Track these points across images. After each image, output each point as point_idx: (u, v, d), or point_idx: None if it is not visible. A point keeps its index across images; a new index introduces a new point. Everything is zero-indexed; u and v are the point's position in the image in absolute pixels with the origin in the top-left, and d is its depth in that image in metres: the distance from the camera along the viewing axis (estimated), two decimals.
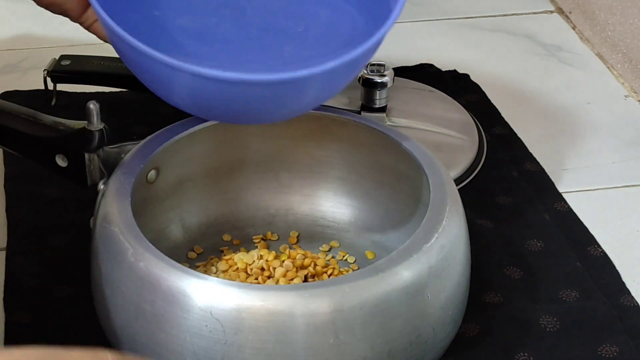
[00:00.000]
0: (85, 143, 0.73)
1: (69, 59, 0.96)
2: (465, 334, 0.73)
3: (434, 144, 0.89)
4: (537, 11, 1.18)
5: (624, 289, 0.78)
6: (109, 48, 0.72)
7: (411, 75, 1.01)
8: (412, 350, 0.65)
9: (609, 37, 1.08)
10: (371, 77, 0.89)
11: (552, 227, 0.84)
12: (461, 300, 0.70)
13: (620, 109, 1.01)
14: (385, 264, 0.64)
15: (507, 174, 0.90)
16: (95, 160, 0.74)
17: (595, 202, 0.88)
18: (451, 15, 1.16)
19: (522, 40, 1.12)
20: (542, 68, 1.07)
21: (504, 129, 0.96)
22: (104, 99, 0.78)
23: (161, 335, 0.63)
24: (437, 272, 0.66)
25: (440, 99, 0.97)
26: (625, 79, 1.05)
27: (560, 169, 0.92)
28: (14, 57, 0.88)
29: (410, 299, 0.64)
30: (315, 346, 0.62)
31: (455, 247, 0.68)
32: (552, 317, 0.75)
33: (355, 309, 0.62)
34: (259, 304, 0.62)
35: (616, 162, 0.93)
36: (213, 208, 0.80)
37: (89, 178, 0.74)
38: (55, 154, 0.75)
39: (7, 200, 0.85)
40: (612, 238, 0.84)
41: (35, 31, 1.10)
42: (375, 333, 0.63)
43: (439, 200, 0.70)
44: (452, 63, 1.06)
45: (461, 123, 0.94)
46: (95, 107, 0.72)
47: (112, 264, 0.66)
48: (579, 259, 0.81)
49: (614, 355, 0.72)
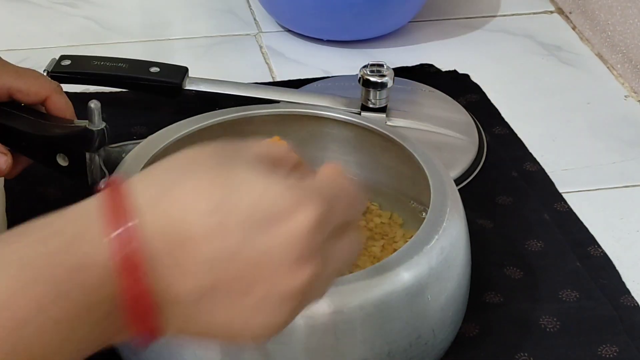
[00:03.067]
0: (86, 142, 0.73)
1: (69, 59, 0.96)
2: (465, 334, 0.73)
3: (434, 144, 0.89)
4: (537, 11, 1.18)
5: (624, 289, 0.78)
6: (109, 48, 0.72)
7: (411, 75, 1.01)
8: (412, 351, 0.65)
9: (609, 37, 1.08)
10: (371, 77, 0.89)
11: (552, 227, 0.84)
12: (461, 301, 0.70)
13: (620, 109, 1.01)
14: (385, 265, 0.64)
15: (507, 174, 0.90)
16: (96, 159, 0.74)
17: (595, 202, 0.88)
18: (451, 15, 1.16)
19: (522, 40, 1.12)
20: (542, 68, 1.07)
21: (504, 129, 0.96)
22: (104, 99, 0.78)
23: None
24: (437, 274, 0.66)
25: (440, 99, 0.97)
26: (625, 79, 1.05)
27: (560, 169, 0.92)
28: (14, 57, 0.88)
29: (410, 300, 0.64)
30: (315, 347, 0.62)
31: (456, 248, 0.68)
32: (552, 317, 0.75)
33: (356, 310, 0.62)
34: None
35: (616, 162, 0.93)
36: None
37: (90, 177, 0.74)
38: (56, 153, 0.75)
39: (7, 200, 0.85)
40: (612, 238, 0.84)
41: (35, 31, 1.11)
42: (376, 334, 0.63)
43: (439, 201, 0.70)
44: (452, 63, 1.06)
45: (461, 123, 0.94)
46: (96, 106, 0.72)
47: None
48: (579, 259, 0.81)
49: (614, 355, 0.72)
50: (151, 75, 0.95)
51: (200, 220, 0.47)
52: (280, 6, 1.11)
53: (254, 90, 0.95)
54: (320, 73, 1.05)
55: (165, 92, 0.95)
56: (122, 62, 0.96)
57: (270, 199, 0.48)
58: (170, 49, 1.09)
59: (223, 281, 0.47)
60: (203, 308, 0.47)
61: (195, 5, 1.17)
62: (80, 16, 1.14)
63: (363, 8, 1.05)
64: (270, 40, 1.11)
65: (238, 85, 0.95)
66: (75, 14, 1.14)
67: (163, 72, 0.95)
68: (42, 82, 0.78)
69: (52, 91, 0.78)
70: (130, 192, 0.47)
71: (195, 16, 1.16)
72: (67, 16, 1.14)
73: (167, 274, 0.46)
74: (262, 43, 1.10)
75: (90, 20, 1.13)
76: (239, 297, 0.47)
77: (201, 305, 0.47)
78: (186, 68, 0.96)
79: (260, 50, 1.09)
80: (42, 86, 0.78)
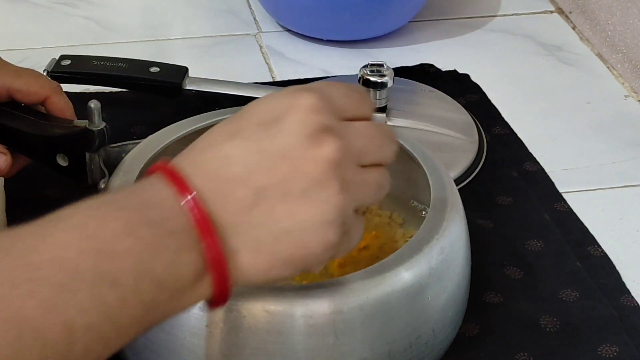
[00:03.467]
0: (86, 142, 0.73)
1: (69, 59, 0.96)
2: (465, 334, 0.73)
3: (434, 144, 0.89)
4: (537, 11, 1.18)
5: (624, 289, 0.78)
6: (109, 48, 0.72)
7: (411, 75, 1.01)
8: (412, 351, 0.65)
9: (609, 37, 1.08)
10: (371, 77, 0.89)
11: (552, 227, 0.84)
12: (461, 301, 0.70)
13: (620, 109, 1.01)
14: (385, 265, 0.64)
15: (507, 174, 0.90)
16: (96, 159, 0.74)
17: (595, 202, 0.88)
18: (451, 15, 1.16)
19: (522, 40, 1.12)
20: (542, 68, 1.07)
21: (504, 129, 0.96)
22: (104, 99, 0.78)
23: (161, 336, 0.63)
24: (437, 273, 0.66)
25: (440, 99, 0.97)
26: (625, 79, 1.05)
27: (560, 169, 0.92)
28: (14, 57, 0.88)
29: (410, 300, 0.64)
30: (315, 347, 0.62)
31: (456, 248, 0.68)
32: (552, 317, 0.75)
33: (356, 310, 0.62)
34: (259, 304, 0.61)
35: (616, 162, 0.93)
36: None
37: (90, 177, 0.74)
38: (56, 153, 0.75)
39: (7, 200, 0.85)
40: (612, 238, 0.84)
41: (35, 31, 1.11)
42: (376, 334, 0.63)
43: (439, 200, 0.70)
44: (452, 63, 1.06)
45: (461, 123, 0.94)
46: (96, 106, 0.72)
47: None
48: (579, 259, 0.81)
49: (614, 355, 0.72)
50: (151, 75, 0.95)
51: (230, 147, 0.54)
52: (280, 6, 1.11)
53: (254, 90, 0.95)
54: (320, 73, 1.05)
55: (165, 92, 0.95)
56: (122, 62, 0.96)
57: (273, 103, 0.55)
58: (170, 49, 1.09)
59: (260, 180, 0.52)
60: (261, 214, 0.52)
61: (195, 5, 1.17)
62: (80, 16, 1.14)
63: (363, 8, 1.05)
64: (270, 40, 1.11)
65: (238, 85, 0.95)
66: (75, 14, 1.14)
67: (163, 72, 0.95)
68: (42, 82, 0.78)
69: (52, 91, 0.78)
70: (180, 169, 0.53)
71: (195, 16, 1.16)
72: (67, 16, 1.14)
73: (214, 200, 0.52)
74: (262, 43, 1.10)
75: (90, 20, 1.13)
76: (283, 193, 0.53)
77: (257, 211, 0.52)
78: (186, 68, 0.96)
79: (260, 50, 1.09)
80: (42, 86, 0.78)
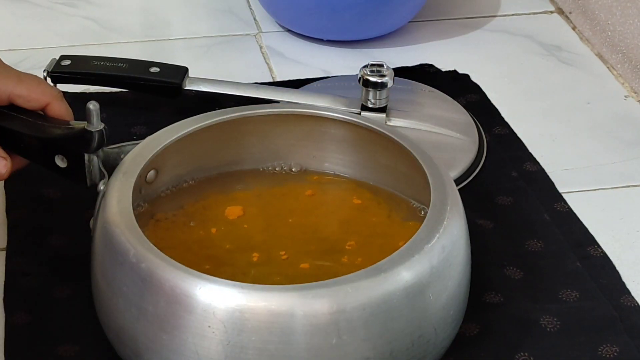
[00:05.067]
0: (85, 143, 0.73)
1: (69, 59, 0.96)
2: (466, 334, 0.73)
3: (434, 144, 0.89)
4: (537, 11, 1.18)
5: (624, 289, 0.78)
6: (109, 48, 0.72)
7: (411, 75, 1.01)
8: (414, 350, 0.65)
9: (609, 37, 1.08)
10: (371, 77, 0.89)
11: (552, 227, 0.84)
12: (462, 300, 0.70)
13: (620, 109, 1.01)
14: (387, 264, 0.64)
15: (507, 174, 0.90)
16: (95, 160, 0.74)
17: (595, 202, 0.88)
18: (451, 15, 1.16)
19: (522, 40, 1.12)
20: (542, 68, 1.07)
21: (504, 129, 0.96)
22: (104, 99, 0.78)
23: (163, 336, 0.63)
24: (438, 273, 0.66)
25: (440, 99, 0.97)
26: (625, 79, 1.05)
27: (560, 169, 0.92)
28: (14, 57, 0.88)
29: (412, 300, 0.64)
30: (317, 347, 0.62)
31: (456, 247, 0.68)
32: (552, 317, 0.75)
33: (358, 309, 0.62)
34: (262, 304, 0.62)
35: (616, 162, 0.93)
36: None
37: (89, 178, 0.74)
38: (54, 154, 0.75)
39: (7, 200, 0.85)
40: (612, 238, 0.84)
41: (35, 31, 1.11)
42: (378, 333, 0.63)
43: (439, 200, 0.70)
44: (452, 63, 1.06)
45: (461, 123, 0.94)
46: (95, 107, 0.72)
47: (113, 265, 0.66)
48: (579, 259, 0.81)
49: (614, 355, 0.72)
50: (151, 75, 0.95)
51: None
52: (280, 6, 1.11)
53: (254, 90, 0.95)
54: (320, 73, 1.05)
55: (165, 92, 0.95)
56: (122, 62, 0.96)
57: None
58: (170, 49, 1.09)
59: None
60: None
61: (195, 5, 1.17)
62: (80, 16, 1.14)
63: (363, 8, 1.05)
64: (270, 40, 1.11)
65: (238, 85, 0.96)
66: (75, 14, 1.14)
67: (163, 72, 0.95)
68: (43, 89, 0.78)
69: (53, 98, 0.78)
70: None
71: (195, 16, 1.16)
72: (67, 16, 1.14)
73: None
74: (262, 43, 1.10)
75: (90, 20, 1.13)
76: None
77: None
78: (186, 68, 0.96)
79: (260, 50, 1.09)
80: (43, 93, 0.78)
